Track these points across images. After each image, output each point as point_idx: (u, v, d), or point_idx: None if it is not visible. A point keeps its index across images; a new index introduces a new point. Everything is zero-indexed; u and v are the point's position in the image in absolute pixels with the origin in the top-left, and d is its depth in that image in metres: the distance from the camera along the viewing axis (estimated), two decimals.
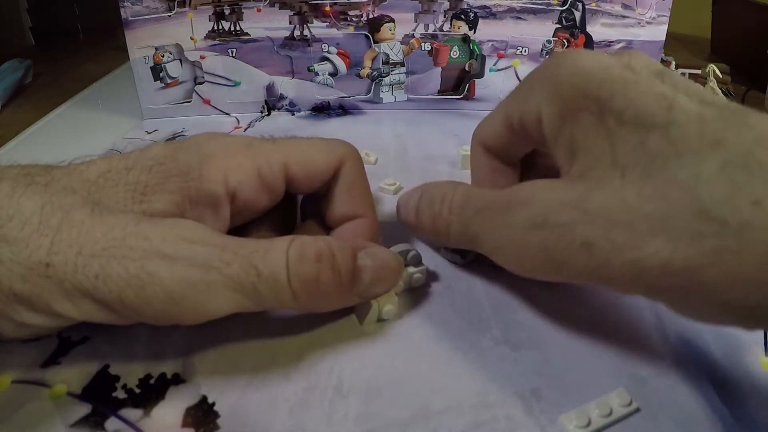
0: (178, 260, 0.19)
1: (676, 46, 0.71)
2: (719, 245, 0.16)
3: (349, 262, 0.21)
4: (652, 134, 0.17)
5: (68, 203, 0.19)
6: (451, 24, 0.46)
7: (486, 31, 0.47)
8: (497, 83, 0.48)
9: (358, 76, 0.48)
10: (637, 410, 0.19)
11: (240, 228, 0.25)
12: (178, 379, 0.21)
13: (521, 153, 0.25)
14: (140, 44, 0.45)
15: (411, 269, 0.25)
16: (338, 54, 0.47)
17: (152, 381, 0.21)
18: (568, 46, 0.46)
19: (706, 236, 0.16)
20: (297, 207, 0.29)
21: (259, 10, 0.46)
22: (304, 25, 0.46)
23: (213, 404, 0.20)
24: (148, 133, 0.45)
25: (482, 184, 0.26)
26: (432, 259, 0.27)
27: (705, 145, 0.16)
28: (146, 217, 0.20)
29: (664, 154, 0.17)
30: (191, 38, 0.46)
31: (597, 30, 0.46)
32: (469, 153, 0.37)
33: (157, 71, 0.46)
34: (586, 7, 0.45)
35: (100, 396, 0.20)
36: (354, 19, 0.46)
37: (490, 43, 0.47)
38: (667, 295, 0.17)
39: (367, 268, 0.22)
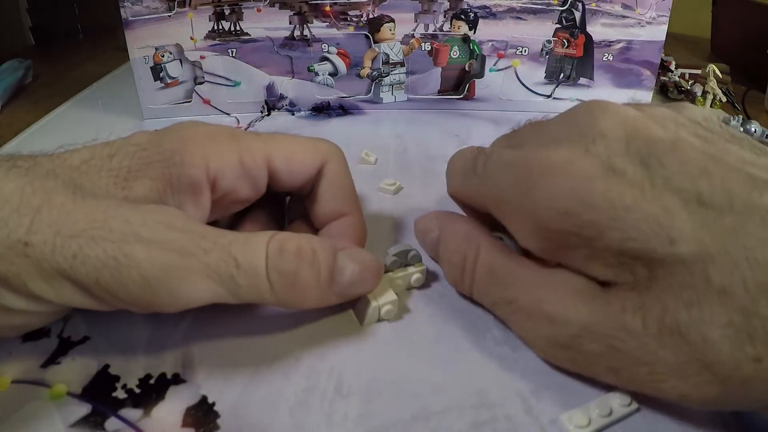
0: (156, 244, 0.19)
1: (676, 46, 0.71)
2: (725, 393, 0.16)
3: (329, 260, 0.21)
4: (659, 267, 0.17)
5: (50, 186, 0.19)
6: (451, 24, 0.46)
7: (486, 31, 0.47)
8: (497, 83, 0.48)
9: (358, 76, 0.48)
10: (637, 410, 0.19)
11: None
12: (178, 379, 0.21)
13: None
14: (140, 44, 0.45)
15: (411, 269, 0.25)
16: (338, 54, 0.47)
17: (152, 381, 0.21)
18: (568, 46, 0.47)
19: (713, 384, 0.16)
20: (284, 210, 0.29)
21: (259, 10, 0.46)
22: (304, 25, 0.46)
23: (213, 404, 0.20)
24: None
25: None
26: (432, 259, 0.27)
27: (712, 296, 0.16)
28: (128, 202, 0.20)
29: (674, 297, 0.17)
30: (191, 38, 0.46)
31: (597, 30, 0.46)
32: None
33: (157, 71, 0.46)
34: (586, 7, 0.45)
35: (100, 396, 0.20)
36: (354, 19, 0.46)
37: (490, 43, 0.47)
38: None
39: (346, 269, 0.22)
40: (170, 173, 0.21)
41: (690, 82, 0.51)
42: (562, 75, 0.47)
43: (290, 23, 0.46)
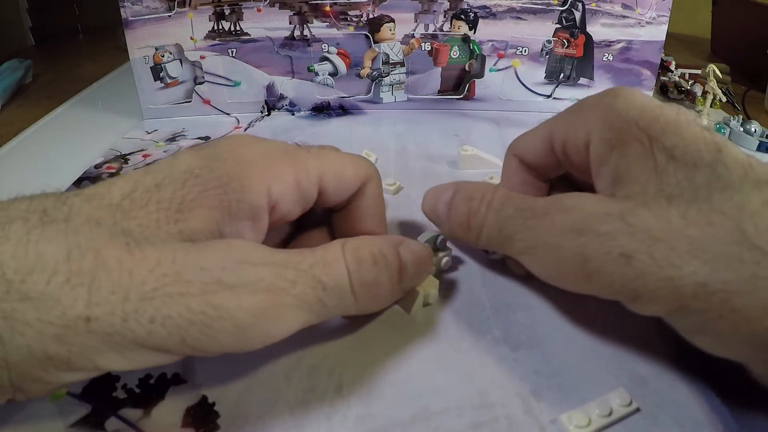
0: (244, 287, 0.17)
1: (676, 46, 0.71)
2: (757, 273, 0.16)
3: (395, 259, 0.21)
4: (699, 170, 0.18)
5: (96, 240, 0.17)
6: (451, 24, 0.46)
7: (486, 31, 0.47)
8: (497, 83, 0.48)
9: (358, 76, 0.48)
10: (637, 410, 0.19)
11: None
12: (178, 379, 0.21)
13: (555, 174, 0.26)
14: (140, 44, 0.45)
15: (440, 254, 0.26)
16: (338, 54, 0.47)
17: (152, 381, 0.21)
18: (568, 46, 0.47)
19: (745, 263, 0.17)
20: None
21: (259, 10, 0.46)
22: (304, 25, 0.46)
23: (213, 404, 0.20)
24: (148, 133, 0.45)
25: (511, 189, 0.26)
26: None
27: (750, 183, 0.18)
28: (190, 243, 0.18)
29: (709, 187, 0.18)
30: (191, 38, 0.46)
31: (597, 30, 0.46)
32: (469, 153, 0.37)
33: (157, 71, 0.46)
34: (586, 7, 0.45)
35: (100, 396, 0.20)
36: (354, 19, 0.46)
37: (490, 43, 0.47)
38: (692, 319, 0.18)
39: (408, 262, 0.22)
40: (229, 200, 0.19)
41: (690, 82, 0.51)
42: (562, 75, 0.47)
43: (290, 23, 0.46)
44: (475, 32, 0.47)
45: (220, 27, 0.46)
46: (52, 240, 0.16)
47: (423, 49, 0.47)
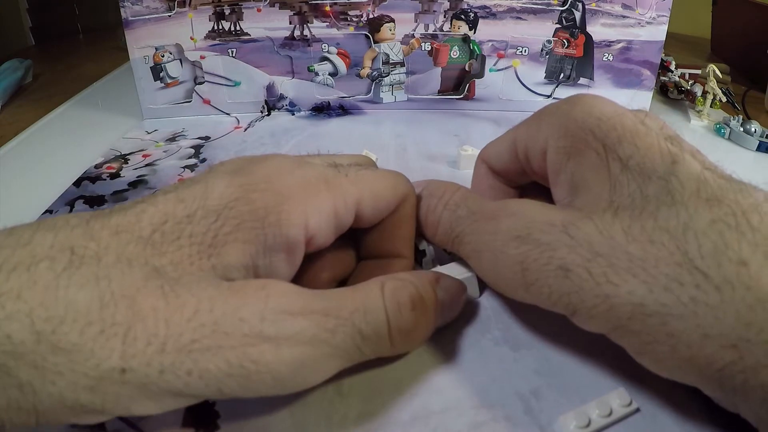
0: (284, 340, 0.17)
1: (676, 46, 0.71)
2: (696, 297, 0.16)
3: (433, 300, 0.21)
4: (652, 182, 0.18)
5: (130, 284, 0.16)
6: (451, 24, 0.46)
7: (486, 31, 0.47)
8: (497, 83, 0.48)
9: (358, 76, 0.48)
10: (637, 410, 0.19)
11: None
12: None
13: (521, 180, 0.26)
14: (140, 44, 0.46)
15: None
16: (338, 54, 0.47)
17: None
18: (568, 46, 0.46)
19: (685, 285, 0.16)
20: None
21: (259, 10, 0.46)
22: (304, 25, 0.46)
23: (213, 404, 0.20)
24: (148, 133, 0.45)
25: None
26: None
27: (700, 201, 0.17)
28: (227, 285, 0.17)
29: (658, 201, 0.18)
30: (191, 38, 0.46)
31: (597, 30, 0.46)
32: (469, 153, 0.37)
33: (157, 71, 0.46)
34: (586, 7, 0.45)
35: None
36: (354, 19, 0.46)
37: (490, 43, 0.47)
38: (631, 340, 0.17)
39: (445, 302, 0.21)
40: (265, 234, 0.19)
41: (690, 82, 0.51)
42: (562, 75, 0.47)
43: (290, 23, 0.46)
44: (475, 32, 0.47)
45: (220, 27, 0.46)
46: (82, 286, 0.15)
47: (423, 49, 0.47)
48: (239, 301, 0.17)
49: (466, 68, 0.48)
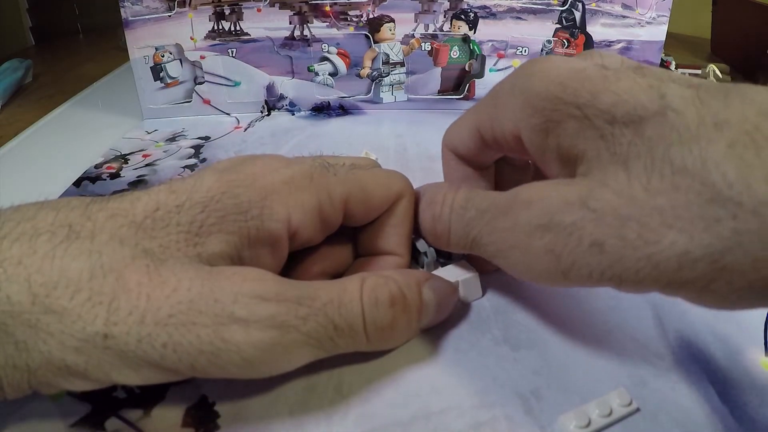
0: (254, 323, 0.17)
1: (676, 46, 0.71)
2: (737, 227, 0.15)
3: (416, 299, 0.21)
4: (648, 124, 0.17)
5: (119, 260, 0.17)
6: (451, 24, 0.46)
7: (486, 31, 0.47)
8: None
9: (358, 76, 0.48)
10: (637, 410, 0.19)
11: None
12: None
13: (492, 160, 0.25)
14: (140, 44, 0.45)
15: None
16: (338, 54, 0.47)
17: None
18: (568, 47, 0.47)
19: (723, 220, 0.15)
20: None
21: (259, 10, 0.46)
22: (304, 25, 0.46)
23: (213, 404, 0.20)
24: (148, 133, 0.45)
25: None
26: None
27: (708, 128, 0.16)
28: (208, 269, 0.18)
29: (665, 142, 0.16)
30: (191, 38, 0.46)
31: (597, 30, 0.46)
32: None
33: (157, 71, 0.46)
34: (586, 7, 0.45)
35: (100, 396, 0.20)
36: (354, 19, 0.46)
37: (490, 43, 0.47)
38: (688, 288, 0.16)
39: (431, 302, 0.21)
40: (248, 227, 0.20)
41: None
42: None
43: (290, 23, 0.46)
44: (475, 32, 0.47)
45: (220, 27, 0.46)
46: (76, 257, 0.17)
47: (423, 49, 0.47)
48: (215, 283, 0.18)
49: (466, 68, 0.48)
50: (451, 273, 0.24)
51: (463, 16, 0.46)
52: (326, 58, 0.47)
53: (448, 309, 0.23)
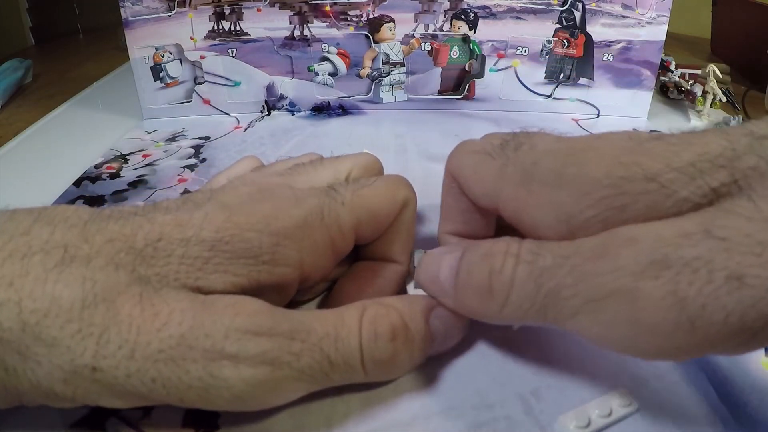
0: (245, 359, 0.17)
1: (676, 46, 0.71)
2: None
3: (423, 331, 0.20)
4: (741, 159, 0.15)
5: (112, 287, 0.17)
6: (451, 24, 0.46)
7: (486, 31, 0.47)
8: (497, 83, 0.48)
9: (358, 76, 0.48)
10: (637, 410, 0.19)
11: None
12: None
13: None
14: (140, 44, 0.45)
15: None
16: (338, 54, 0.47)
17: None
18: (568, 47, 0.46)
19: None
20: None
21: (259, 10, 0.46)
22: (304, 25, 0.46)
23: None
24: (148, 133, 0.45)
25: (452, 223, 0.23)
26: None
27: None
28: (202, 299, 0.18)
29: (756, 169, 0.15)
30: (191, 38, 0.46)
31: (597, 30, 0.46)
32: None
33: (157, 71, 0.46)
34: (586, 7, 0.45)
35: None
36: (354, 19, 0.46)
37: (490, 43, 0.47)
38: None
39: (439, 331, 0.20)
40: (258, 271, 0.19)
41: (690, 82, 0.51)
42: (562, 75, 0.47)
43: (290, 23, 0.46)
44: (475, 32, 0.47)
45: (220, 27, 0.46)
46: (69, 284, 0.16)
47: (423, 49, 0.47)
48: (207, 317, 0.17)
49: (466, 68, 0.48)
50: None
51: (463, 16, 0.46)
52: (326, 58, 0.47)
53: (457, 336, 0.21)
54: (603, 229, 0.16)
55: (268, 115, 0.48)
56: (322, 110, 0.48)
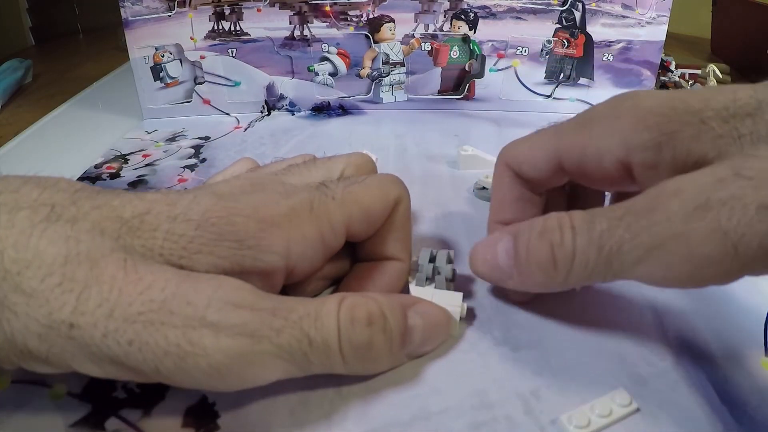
0: (225, 329, 0.17)
1: (676, 46, 0.71)
2: None
3: (400, 322, 0.20)
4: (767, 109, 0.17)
5: (96, 249, 0.17)
6: (451, 24, 0.46)
7: (486, 31, 0.47)
8: (497, 83, 0.48)
9: (358, 76, 0.48)
10: (637, 410, 0.19)
11: None
12: None
13: (559, 185, 0.24)
14: (140, 44, 0.46)
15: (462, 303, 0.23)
16: (338, 54, 0.47)
17: None
18: (568, 46, 0.46)
19: None
20: None
21: (259, 10, 0.46)
22: (304, 25, 0.46)
23: (213, 404, 0.20)
24: (148, 133, 0.45)
25: (504, 212, 0.25)
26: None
27: None
28: (186, 273, 0.18)
29: None
30: (191, 38, 0.46)
31: (597, 30, 0.46)
32: (469, 153, 0.37)
33: (157, 71, 0.46)
34: (586, 7, 0.45)
35: (100, 396, 0.20)
36: (354, 19, 0.46)
37: (490, 43, 0.47)
38: None
39: (417, 328, 0.21)
40: (242, 256, 0.19)
41: (690, 82, 0.51)
42: (562, 75, 0.47)
43: (290, 23, 0.46)
44: (475, 32, 0.47)
45: (220, 27, 0.46)
46: (53, 240, 0.17)
47: (423, 49, 0.47)
48: (190, 286, 0.17)
49: (466, 68, 0.48)
50: (443, 298, 0.23)
51: (463, 16, 0.46)
52: (326, 58, 0.47)
53: (439, 338, 0.22)
54: (656, 153, 0.19)
55: (268, 115, 0.48)
56: (322, 110, 0.48)
